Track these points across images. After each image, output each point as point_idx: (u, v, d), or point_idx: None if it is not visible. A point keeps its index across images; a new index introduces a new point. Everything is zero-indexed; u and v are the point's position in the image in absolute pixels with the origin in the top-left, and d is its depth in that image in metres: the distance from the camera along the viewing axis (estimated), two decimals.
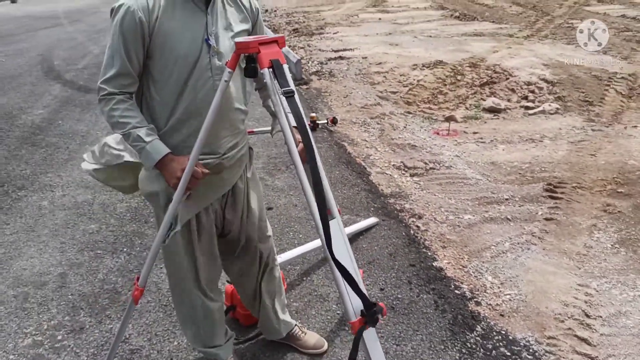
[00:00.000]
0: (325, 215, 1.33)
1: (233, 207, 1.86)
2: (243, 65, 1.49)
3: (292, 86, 1.41)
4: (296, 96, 1.40)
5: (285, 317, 2.20)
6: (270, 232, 2.05)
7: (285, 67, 1.43)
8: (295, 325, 2.24)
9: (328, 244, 1.32)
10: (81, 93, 6.36)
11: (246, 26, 1.71)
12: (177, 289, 1.91)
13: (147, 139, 1.55)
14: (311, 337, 2.24)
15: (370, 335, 1.40)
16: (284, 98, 1.49)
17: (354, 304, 1.37)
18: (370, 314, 1.37)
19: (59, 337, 2.34)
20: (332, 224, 1.43)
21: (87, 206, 3.58)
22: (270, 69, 1.41)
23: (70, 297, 2.62)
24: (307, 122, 1.46)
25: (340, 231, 1.44)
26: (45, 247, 3.07)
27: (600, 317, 2.45)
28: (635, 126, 5.02)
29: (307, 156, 1.35)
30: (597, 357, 2.19)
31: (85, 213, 3.49)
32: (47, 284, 2.73)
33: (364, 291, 1.37)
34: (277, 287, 2.13)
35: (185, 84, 1.58)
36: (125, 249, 3.04)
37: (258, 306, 2.11)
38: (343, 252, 1.42)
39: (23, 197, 3.70)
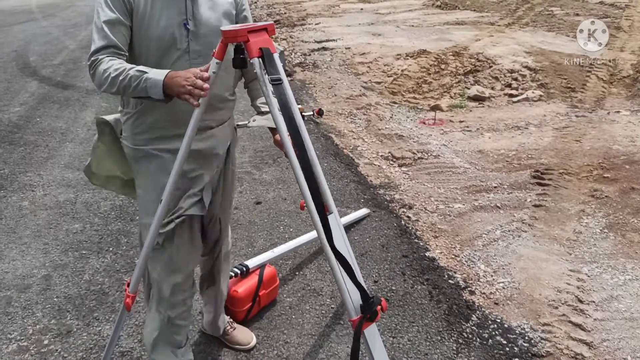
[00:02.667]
0: (322, 206, 1.30)
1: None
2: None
3: (283, 75, 1.36)
4: (286, 84, 1.35)
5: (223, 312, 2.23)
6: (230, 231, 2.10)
7: (276, 56, 1.37)
8: (227, 321, 2.24)
9: (328, 235, 1.28)
10: (59, 89, 6.19)
11: (231, 9, 1.67)
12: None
13: (146, 69, 1.45)
14: (239, 333, 2.23)
15: (371, 331, 1.37)
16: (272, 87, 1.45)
17: (354, 301, 1.34)
18: (369, 305, 1.34)
19: (45, 342, 2.26)
20: (330, 219, 1.39)
21: (69, 205, 3.48)
22: (260, 59, 1.35)
23: (55, 299, 2.54)
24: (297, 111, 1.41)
25: (338, 226, 1.40)
26: (27, 249, 2.97)
27: (593, 302, 2.46)
28: (618, 111, 5.07)
29: (295, 145, 1.31)
30: (592, 342, 2.20)
31: (68, 212, 3.39)
32: (31, 286, 2.64)
33: (364, 285, 1.34)
34: (227, 283, 2.17)
35: (161, 67, 1.53)
36: (111, 249, 2.96)
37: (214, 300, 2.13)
38: (341, 247, 1.37)
39: (2, 198, 3.58)
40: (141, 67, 1.46)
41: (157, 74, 1.43)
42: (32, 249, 2.98)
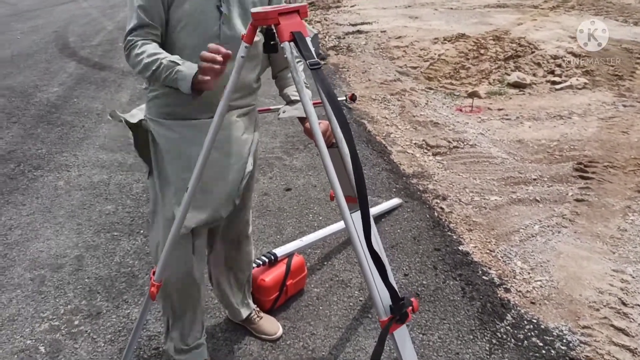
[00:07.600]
0: (365, 199, 1.21)
1: None
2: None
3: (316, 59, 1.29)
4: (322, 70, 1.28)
5: (250, 299, 2.19)
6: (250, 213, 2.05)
7: (308, 40, 1.30)
8: (253, 309, 2.20)
9: (366, 233, 1.21)
10: (96, 70, 6.28)
11: None
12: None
13: (180, 61, 1.43)
14: (265, 322, 2.19)
15: (400, 333, 1.30)
16: (303, 74, 1.39)
17: (384, 301, 1.27)
18: (399, 307, 1.27)
19: (76, 322, 2.29)
20: (359, 215, 1.32)
21: (103, 186, 3.52)
22: (292, 43, 1.28)
23: (86, 280, 2.57)
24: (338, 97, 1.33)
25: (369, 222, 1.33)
26: (61, 229, 3.02)
27: (638, 305, 2.32)
28: None
29: (344, 133, 1.22)
30: (635, 348, 2.08)
31: (101, 193, 3.43)
32: (64, 266, 2.68)
33: (395, 286, 1.27)
34: (247, 265, 2.11)
35: (193, 49, 1.49)
36: (142, 231, 2.98)
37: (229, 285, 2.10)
38: (373, 243, 1.30)
39: (39, 177, 3.66)
40: (174, 58, 1.42)
41: (189, 68, 1.39)
42: (66, 229, 3.03)
